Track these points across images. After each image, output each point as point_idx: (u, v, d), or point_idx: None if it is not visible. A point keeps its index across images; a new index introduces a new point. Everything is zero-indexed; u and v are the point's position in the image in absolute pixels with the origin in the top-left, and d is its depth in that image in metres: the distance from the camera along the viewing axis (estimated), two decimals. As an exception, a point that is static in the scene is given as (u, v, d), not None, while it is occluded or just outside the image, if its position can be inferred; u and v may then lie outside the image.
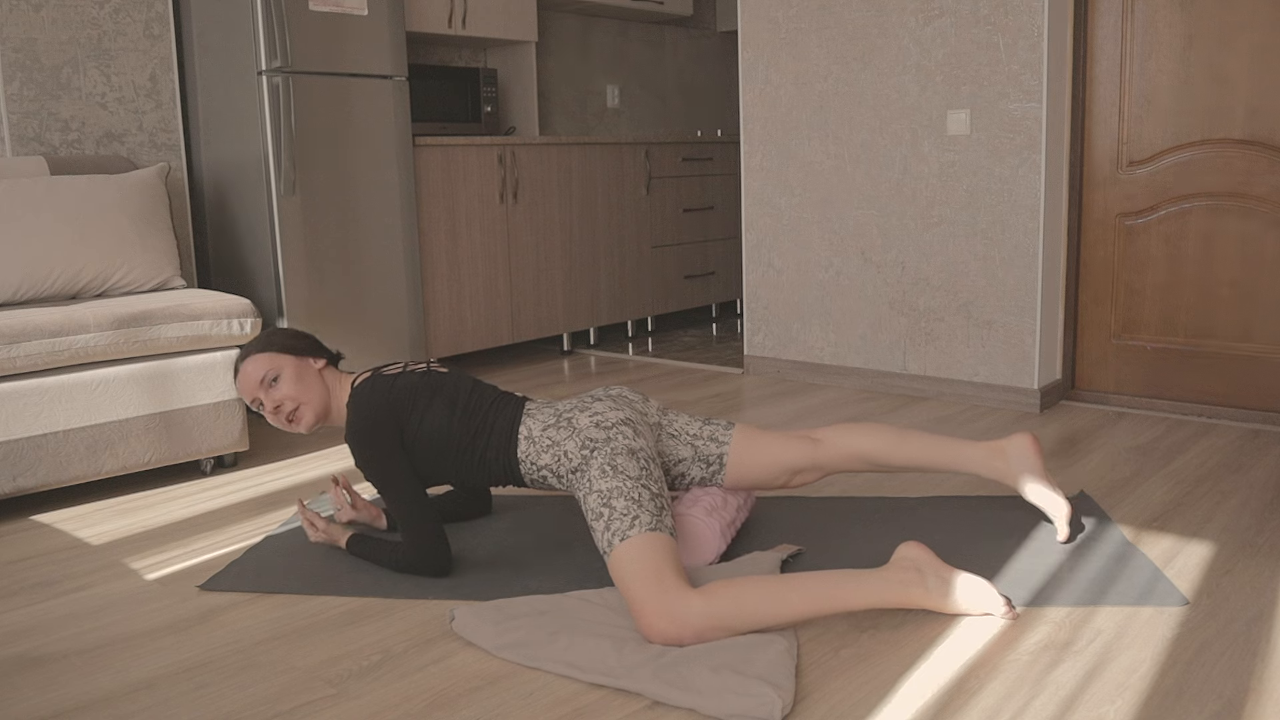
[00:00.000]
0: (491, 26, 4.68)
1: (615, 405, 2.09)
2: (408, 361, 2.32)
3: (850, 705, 1.64)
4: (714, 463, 2.23)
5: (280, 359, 2.26)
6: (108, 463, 2.80)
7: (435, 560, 2.12)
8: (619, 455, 1.97)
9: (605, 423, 2.04)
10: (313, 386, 2.26)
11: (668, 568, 1.82)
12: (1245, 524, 2.38)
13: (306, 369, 2.27)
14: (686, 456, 2.22)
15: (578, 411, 2.09)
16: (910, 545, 1.93)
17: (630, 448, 1.99)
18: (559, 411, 2.12)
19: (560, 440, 2.06)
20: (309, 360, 2.28)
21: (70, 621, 2.06)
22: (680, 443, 2.22)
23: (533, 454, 2.10)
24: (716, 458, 2.22)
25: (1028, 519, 2.43)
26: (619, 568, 1.84)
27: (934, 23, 3.54)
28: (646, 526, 1.86)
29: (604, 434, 2.02)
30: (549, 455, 2.08)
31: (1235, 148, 3.22)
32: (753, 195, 4.12)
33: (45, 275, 2.98)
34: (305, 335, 2.33)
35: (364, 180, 3.77)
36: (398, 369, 2.24)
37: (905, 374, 3.77)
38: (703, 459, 2.22)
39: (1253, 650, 1.78)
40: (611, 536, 1.87)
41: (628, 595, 1.82)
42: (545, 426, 2.10)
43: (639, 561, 1.82)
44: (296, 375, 2.25)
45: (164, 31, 3.73)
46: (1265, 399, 3.26)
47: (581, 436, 2.03)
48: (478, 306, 4.34)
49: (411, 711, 1.67)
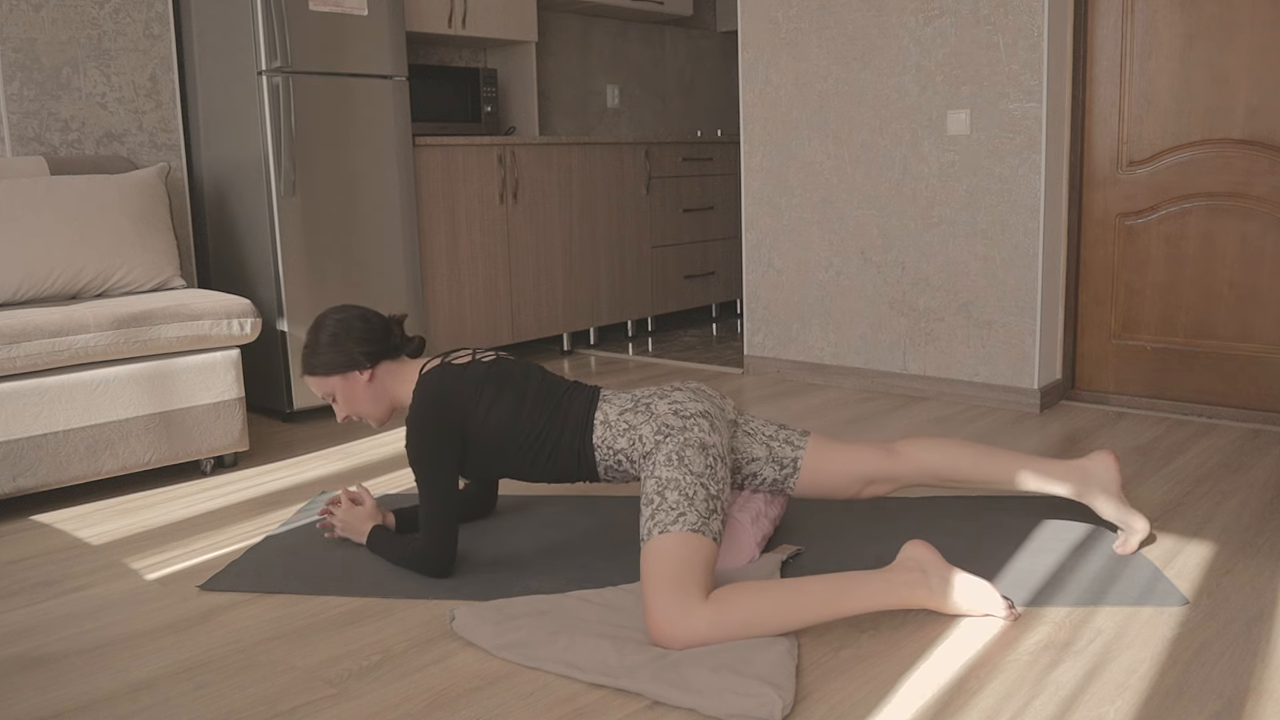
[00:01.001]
0: (491, 26, 4.68)
1: (695, 396, 2.07)
2: (476, 349, 2.27)
3: (850, 705, 1.64)
4: (788, 465, 2.19)
5: (327, 382, 2.25)
6: (108, 463, 2.80)
7: (443, 561, 2.13)
8: (689, 447, 1.95)
9: (684, 412, 2.02)
10: (364, 399, 2.26)
11: (693, 572, 1.80)
12: (1245, 524, 2.38)
13: (353, 385, 2.24)
14: (761, 456, 2.19)
15: (657, 398, 2.07)
16: (915, 545, 1.92)
17: (703, 442, 1.97)
18: (636, 397, 2.10)
19: (637, 424, 2.04)
20: (354, 374, 2.23)
21: (70, 621, 2.06)
22: (756, 441, 2.19)
23: (609, 438, 2.07)
24: (791, 461, 2.19)
25: (1028, 519, 2.43)
26: (649, 558, 1.83)
27: (934, 23, 3.54)
28: (689, 525, 1.85)
29: (680, 422, 1.99)
30: (625, 439, 2.05)
31: (1235, 148, 3.22)
32: (753, 195, 4.12)
33: (45, 275, 2.98)
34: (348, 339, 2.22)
35: (364, 180, 3.77)
36: (466, 357, 2.20)
37: (905, 374, 3.77)
38: (777, 460, 2.19)
39: (1253, 650, 1.78)
40: (653, 526, 1.86)
41: (646, 588, 1.82)
42: (622, 411, 2.08)
43: (668, 558, 1.81)
44: (345, 394, 2.26)
45: (164, 31, 3.73)
46: (1265, 399, 3.26)
47: (658, 422, 2.01)
48: (478, 306, 4.34)
49: (411, 711, 1.67)
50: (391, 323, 2.28)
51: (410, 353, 2.30)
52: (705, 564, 1.83)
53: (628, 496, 2.69)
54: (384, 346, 2.25)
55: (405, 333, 2.29)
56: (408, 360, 2.30)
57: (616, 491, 2.75)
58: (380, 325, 2.26)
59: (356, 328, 2.23)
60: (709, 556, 1.85)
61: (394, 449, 3.28)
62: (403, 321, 2.30)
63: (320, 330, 2.24)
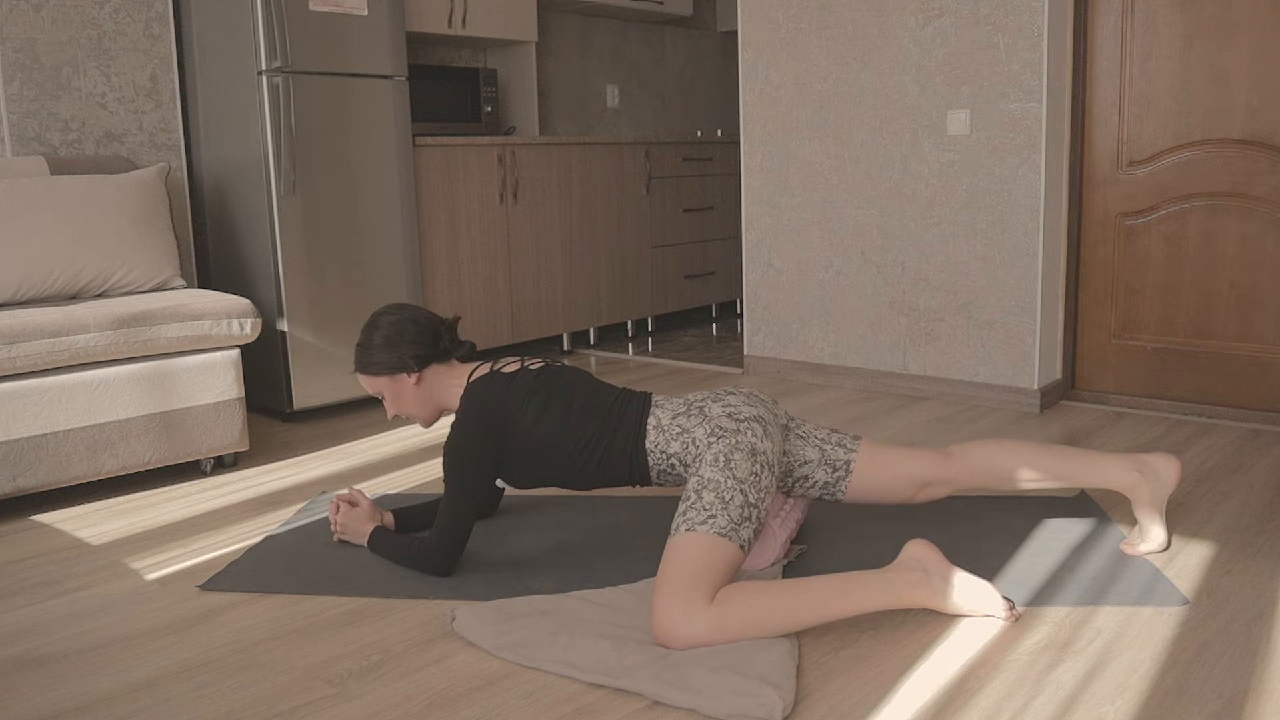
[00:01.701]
0: (491, 26, 4.68)
1: (749, 401, 2.07)
2: (524, 357, 2.26)
3: (850, 705, 1.64)
4: (840, 468, 2.17)
5: (376, 382, 2.26)
6: (108, 463, 2.80)
7: (447, 560, 2.14)
8: (739, 450, 1.95)
9: (738, 415, 2.01)
10: (411, 401, 2.26)
11: (707, 576, 1.80)
12: (1245, 524, 2.38)
13: (401, 387, 2.25)
14: (813, 459, 2.17)
15: (710, 401, 2.07)
16: (917, 544, 1.92)
17: (754, 447, 1.96)
18: (689, 401, 2.10)
19: (690, 428, 2.03)
20: (402, 377, 2.23)
21: (70, 621, 2.06)
22: (809, 444, 2.18)
23: (662, 443, 2.06)
24: (844, 464, 2.17)
25: (1028, 519, 2.43)
26: (670, 553, 1.83)
27: (934, 23, 3.54)
28: (717, 529, 1.84)
29: (734, 425, 1.99)
30: (678, 443, 2.04)
31: (1235, 148, 3.22)
32: (753, 195, 4.12)
33: (45, 275, 2.98)
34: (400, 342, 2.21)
35: (364, 180, 3.77)
36: (515, 365, 2.19)
37: (905, 374, 3.77)
38: (829, 463, 2.17)
39: (1253, 650, 1.78)
40: (682, 522, 1.87)
41: (659, 581, 1.81)
42: (675, 415, 2.07)
43: (688, 558, 1.81)
44: (393, 395, 2.27)
45: (164, 31, 3.73)
46: (1265, 399, 3.26)
47: (712, 424, 2.01)
48: (478, 306, 4.34)
49: (411, 711, 1.67)
50: (442, 326, 2.26)
51: (460, 357, 2.29)
52: (724, 569, 1.82)
53: (628, 497, 2.69)
54: (434, 350, 2.24)
55: (457, 336, 2.29)
56: (457, 365, 2.28)
57: (617, 492, 2.75)
58: (431, 329, 2.25)
59: (409, 331, 2.22)
60: (730, 562, 1.84)
61: (394, 449, 3.28)
62: (456, 325, 2.29)
63: (374, 330, 2.24)
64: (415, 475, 2.98)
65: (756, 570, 2.11)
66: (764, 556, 2.14)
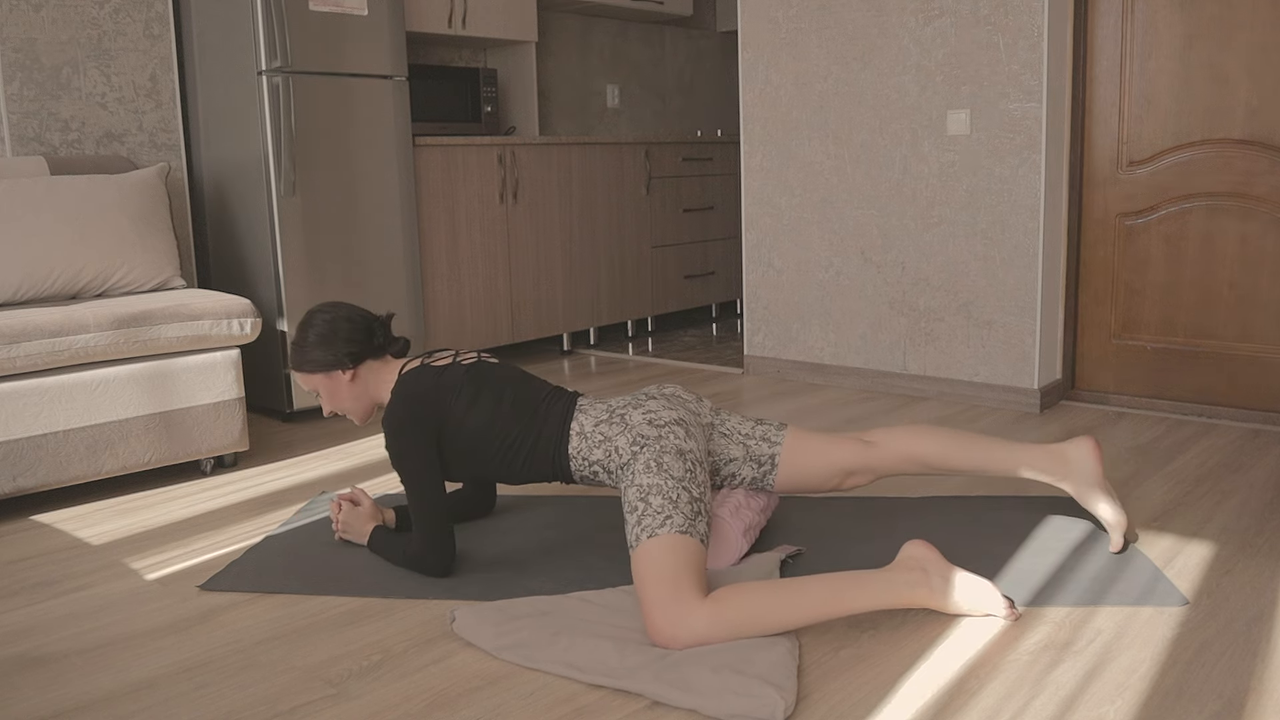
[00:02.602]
0: (491, 26, 4.68)
1: (669, 404, 2.08)
2: (458, 350, 2.27)
3: (850, 705, 1.64)
4: (765, 463, 2.20)
5: (311, 379, 2.28)
6: (108, 463, 2.80)
7: (441, 560, 2.13)
8: (667, 454, 1.96)
9: (658, 420, 2.02)
10: (346, 397, 2.28)
11: (686, 573, 1.81)
12: (1245, 524, 2.38)
13: (335, 384, 2.27)
14: (738, 456, 2.20)
15: (631, 408, 2.08)
16: (916, 544, 1.92)
17: (680, 448, 1.98)
18: (611, 408, 2.11)
19: (612, 436, 2.05)
20: (337, 374, 2.25)
21: (70, 621, 2.06)
22: (732, 442, 2.20)
23: (584, 449, 2.08)
24: (768, 458, 2.20)
25: (1028, 519, 2.43)
26: (640, 564, 1.84)
27: (934, 23, 3.54)
28: (677, 528, 1.86)
29: (655, 431, 2.00)
30: (600, 451, 2.06)
31: (1235, 148, 3.22)
32: (753, 195, 4.12)
33: (45, 275, 2.98)
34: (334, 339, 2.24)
35: (364, 180, 3.77)
36: (446, 359, 2.21)
37: (905, 374, 3.77)
38: (754, 459, 2.20)
39: (1253, 650, 1.78)
40: (640, 532, 1.87)
41: (642, 593, 1.82)
42: (597, 422, 2.09)
43: (660, 562, 1.81)
44: (328, 392, 2.29)
45: (164, 31, 3.73)
46: (1265, 399, 3.26)
47: (633, 433, 2.02)
48: (478, 306, 4.34)
49: (411, 711, 1.67)
50: (375, 323, 2.29)
51: (395, 353, 2.32)
52: (697, 564, 1.84)
53: (628, 496, 2.69)
54: (367, 347, 2.26)
55: (391, 332, 2.30)
56: (391, 360, 2.31)
57: (616, 491, 2.74)
58: (365, 326, 2.27)
59: (343, 328, 2.24)
60: (699, 557, 1.85)
61: (394, 449, 3.28)
62: (389, 321, 2.32)
63: (309, 328, 2.26)
64: (415, 475, 2.98)
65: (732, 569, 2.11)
66: (726, 553, 2.14)
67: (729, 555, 2.15)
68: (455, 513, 2.51)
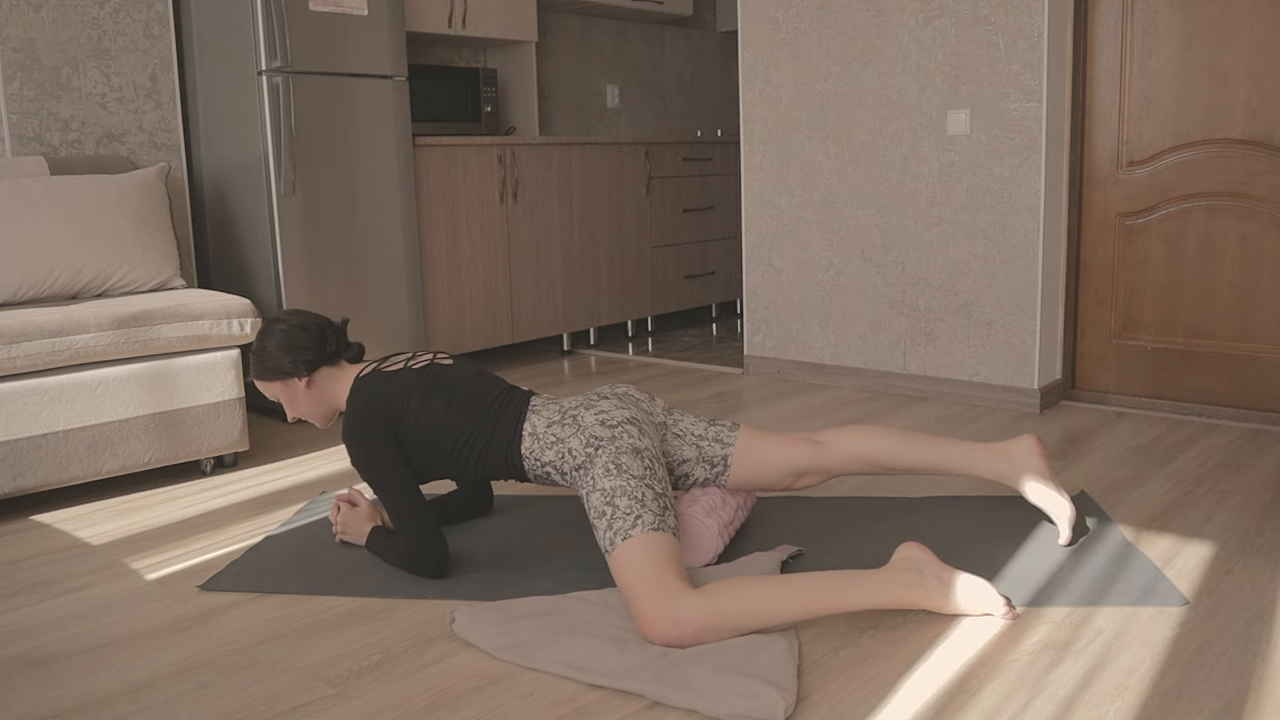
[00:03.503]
0: (491, 26, 4.68)
1: (621, 404, 2.09)
2: (415, 352, 2.29)
3: (850, 705, 1.64)
4: (718, 464, 2.22)
5: (270, 387, 2.32)
6: (108, 463, 2.80)
7: (431, 560, 2.13)
8: (623, 454, 1.97)
9: (610, 421, 2.04)
10: (304, 403, 2.32)
11: (669, 568, 1.82)
12: (1245, 524, 2.38)
13: (293, 391, 2.31)
14: (691, 457, 2.21)
15: (583, 409, 2.09)
16: (910, 546, 1.93)
17: (635, 447, 1.99)
18: (564, 409, 2.12)
19: (565, 437, 2.06)
20: (294, 381, 2.29)
21: (70, 621, 2.06)
22: (685, 443, 2.21)
23: (536, 450, 2.10)
24: (721, 459, 2.22)
25: (1028, 519, 2.43)
26: (620, 567, 1.84)
27: (934, 23, 3.54)
28: (649, 526, 1.86)
29: (609, 432, 2.01)
30: (553, 452, 2.07)
31: (1235, 148, 3.22)
32: (753, 195, 4.12)
33: (45, 275, 2.98)
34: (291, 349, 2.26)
35: (364, 180, 3.77)
36: (399, 364, 2.23)
37: (905, 374, 3.77)
38: (707, 460, 2.22)
39: (1253, 650, 1.78)
40: (614, 535, 1.87)
41: (628, 595, 1.82)
42: (550, 423, 2.10)
43: (640, 561, 1.82)
44: (287, 399, 2.33)
45: (164, 31, 3.73)
46: (1265, 399, 3.26)
47: (586, 434, 2.03)
48: (478, 306, 4.34)
49: (411, 711, 1.67)
50: (329, 330, 2.31)
51: (349, 358, 2.35)
52: (675, 558, 1.85)
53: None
54: (321, 354, 2.29)
55: (345, 338, 2.34)
56: (347, 366, 2.34)
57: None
58: (318, 333, 2.29)
59: (299, 337, 2.27)
60: (676, 550, 1.87)
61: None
62: (345, 326, 2.35)
63: (267, 338, 2.29)
64: (415, 475, 2.98)
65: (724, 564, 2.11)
66: (702, 551, 2.15)
67: (704, 554, 2.15)
68: (453, 513, 2.51)
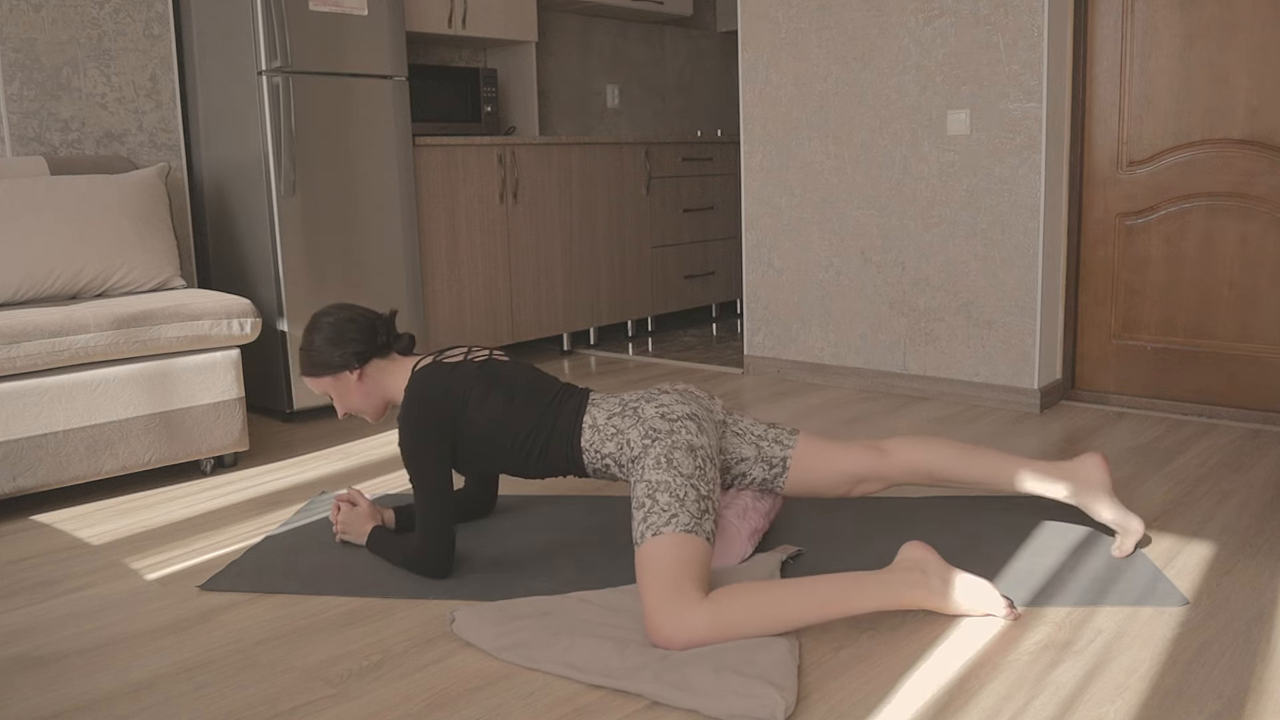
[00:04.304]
0: (491, 26, 4.68)
1: (682, 399, 2.08)
2: (471, 346, 2.28)
3: (850, 705, 1.64)
4: (777, 465, 2.20)
5: (321, 382, 2.29)
6: (108, 463, 2.80)
7: (440, 561, 2.13)
8: (678, 449, 1.96)
9: (671, 414, 2.02)
10: (356, 397, 2.29)
11: (689, 572, 1.81)
12: (1245, 524, 2.38)
13: (345, 385, 2.28)
14: (749, 456, 2.19)
15: (644, 402, 2.08)
16: (914, 545, 1.92)
17: (691, 443, 1.98)
18: (624, 401, 2.11)
19: (624, 429, 2.05)
20: (345, 375, 2.26)
21: (70, 621, 2.06)
22: (744, 441, 2.20)
23: (596, 442, 2.08)
24: (780, 460, 2.20)
25: (1028, 519, 2.43)
26: (643, 561, 1.84)
27: (934, 23, 3.54)
28: (682, 526, 1.86)
29: (668, 425, 2.00)
30: (613, 444, 2.06)
31: (1235, 148, 3.22)
32: (753, 195, 4.12)
33: (45, 275, 2.98)
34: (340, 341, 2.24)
35: (364, 180, 3.77)
36: (458, 356, 2.22)
37: (905, 374, 3.77)
38: (766, 460, 2.20)
39: (1253, 650, 1.78)
40: (645, 529, 1.87)
41: (643, 591, 1.82)
42: (610, 415, 2.09)
43: (663, 560, 1.81)
44: (339, 394, 2.30)
45: (164, 31, 3.73)
46: (1265, 399, 3.26)
47: (645, 426, 2.02)
48: (478, 306, 4.34)
49: (411, 711, 1.67)
50: (379, 322, 2.29)
51: (400, 350, 2.32)
52: (701, 564, 1.84)
53: (628, 498, 2.69)
54: (372, 346, 2.27)
55: (395, 329, 2.31)
56: (398, 357, 2.32)
57: (617, 491, 2.75)
58: (368, 325, 2.27)
59: (348, 330, 2.25)
60: (704, 556, 1.85)
61: (393, 449, 3.28)
62: (393, 318, 2.32)
63: (315, 332, 2.27)
64: (415, 475, 2.98)
65: (728, 567, 2.11)
66: (731, 554, 2.14)
67: (732, 557, 2.15)
68: (456, 512, 2.51)
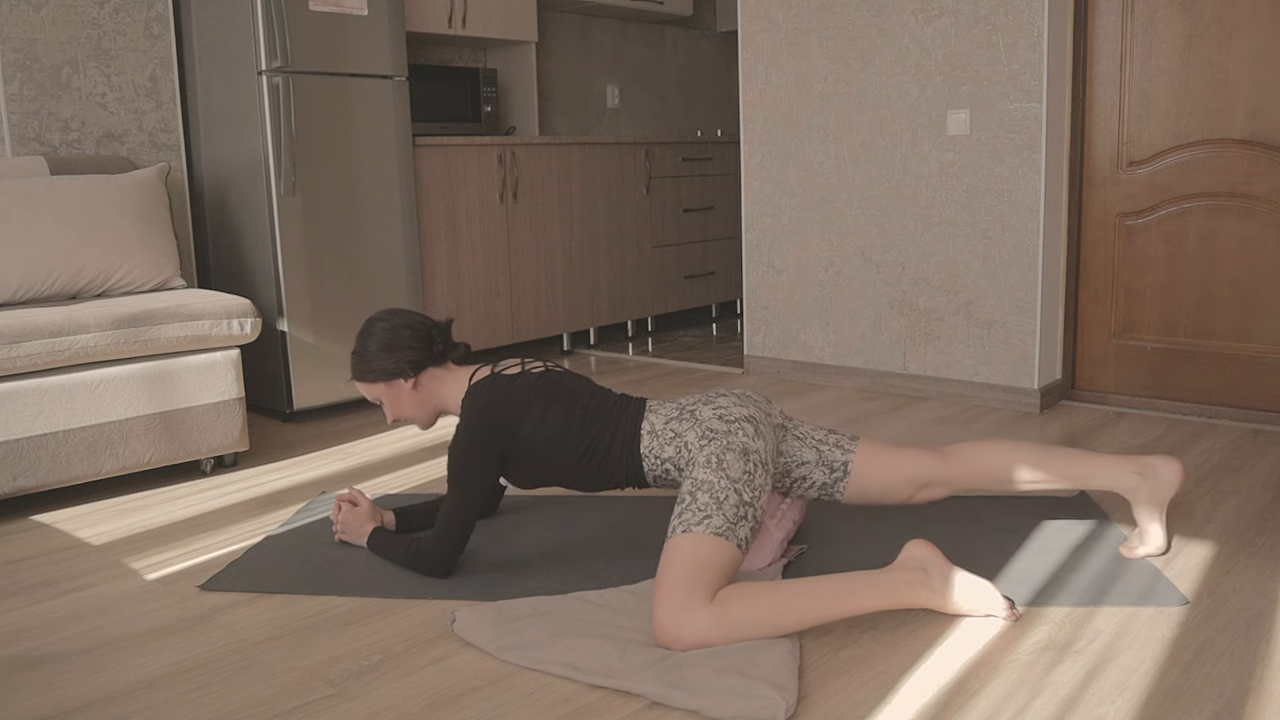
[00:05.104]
0: (491, 26, 4.68)
1: (740, 401, 2.07)
2: (524, 359, 2.26)
3: (850, 705, 1.64)
4: (838, 469, 2.17)
5: (373, 388, 2.27)
6: (108, 463, 2.80)
7: (446, 561, 2.14)
8: (730, 451, 1.95)
9: (729, 416, 2.02)
10: (409, 405, 2.27)
11: (708, 575, 1.80)
12: (1245, 524, 2.38)
13: (398, 392, 2.25)
14: (810, 460, 2.16)
15: (702, 404, 2.07)
16: (917, 544, 1.92)
17: (745, 446, 1.97)
18: (681, 405, 2.10)
19: (682, 432, 2.04)
20: (399, 382, 2.24)
21: (70, 621, 2.06)
22: (805, 445, 2.17)
23: (656, 448, 2.07)
24: (841, 464, 2.17)
25: (1028, 519, 2.43)
26: (667, 555, 1.83)
27: (934, 23, 3.54)
28: (714, 529, 1.85)
29: (725, 426, 1.99)
30: (672, 448, 2.05)
31: (1235, 148, 3.22)
32: (753, 195, 4.12)
33: (45, 275, 2.98)
34: (396, 348, 2.22)
35: (364, 180, 3.76)
36: (516, 368, 2.19)
37: (905, 374, 3.77)
38: (827, 464, 2.17)
39: (1253, 650, 1.78)
40: (678, 524, 1.87)
41: (658, 584, 1.82)
42: (668, 420, 2.08)
43: (686, 559, 1.81)
44: (391, 401, 2.27)
45: (164, 31, 3.73)
46: (1265, 399, 3.26)
47: (703, 427, 2.01)
48: (478, 306, 4.34)
49: (411, 711, 1.67)
50: (435, 330, 2.27)
51: (456, 359, 2.29)
52: (722, 568, 1.82)
53: (628, 497, 2.69)
54: (428, 354, 2.25)
55: (451, 338, 2.29)
56: (454, 367, 2.29)
57: (617, 492, 2.74)
58: (425, 333, 2.25)
59: (404, 336, 2.23)
60: (728, 562, 1.84)
61: (393, 449, 3.28)
62: (449, 326, 2.29)
63: (369, 337, 2.24)
64: (415, 475, 2.98)
65: (754, 571, 2.11)
66: (761, 557, 2.14)
67: (760, 562, 2.14)
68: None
